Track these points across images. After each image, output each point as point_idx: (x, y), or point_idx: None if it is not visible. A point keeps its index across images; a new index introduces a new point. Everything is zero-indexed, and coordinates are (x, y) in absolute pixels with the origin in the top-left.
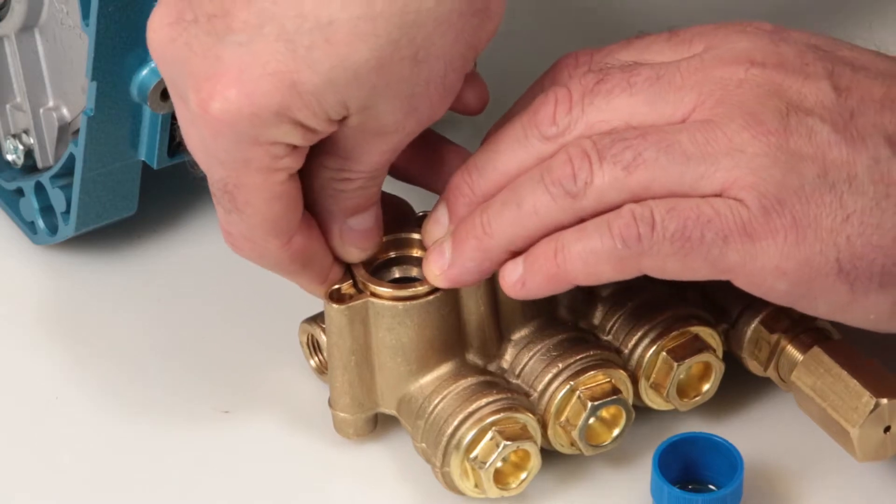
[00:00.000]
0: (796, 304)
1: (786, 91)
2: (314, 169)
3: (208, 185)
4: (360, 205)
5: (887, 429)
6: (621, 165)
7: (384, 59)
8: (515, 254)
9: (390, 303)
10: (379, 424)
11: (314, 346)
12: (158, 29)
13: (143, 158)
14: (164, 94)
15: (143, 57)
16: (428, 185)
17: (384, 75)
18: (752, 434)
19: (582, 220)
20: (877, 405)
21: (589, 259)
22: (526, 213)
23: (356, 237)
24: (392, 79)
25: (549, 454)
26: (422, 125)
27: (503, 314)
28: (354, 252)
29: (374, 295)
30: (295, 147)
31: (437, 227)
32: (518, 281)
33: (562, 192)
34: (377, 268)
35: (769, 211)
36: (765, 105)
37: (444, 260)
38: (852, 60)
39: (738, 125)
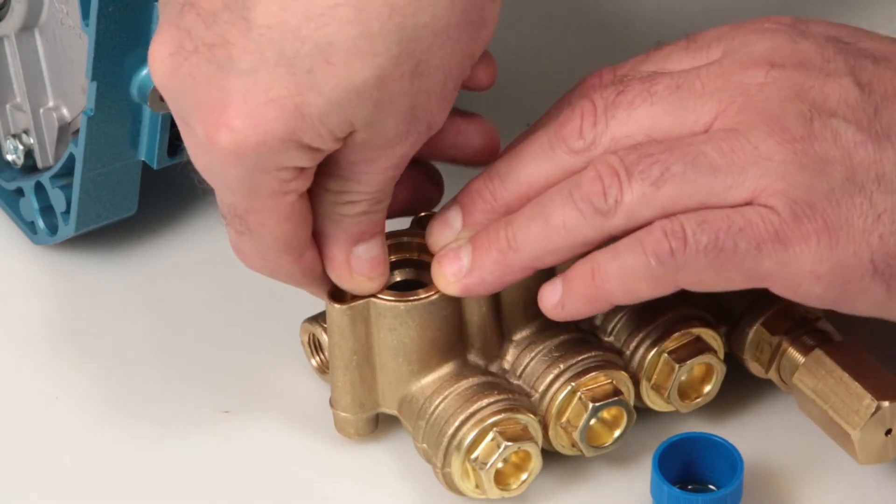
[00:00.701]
0: (834, 305)
1: (808, 92)
2: (317, 193)
3: (217, 201)
4: (364, 231)
5: (888, 431)
6: (649, 181)
7: (385, 75)
8: (537, 269)
9: (392, 303)
10: (380, 425)
11: (315, 346)
12: (160, 60)
13: (143, 158)
14: None
15: (143, 57)
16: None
17: (386, 91)
18: (752, 434)
19: (611, 237)
20: (878, 408)
21: (625, 278)
22: (554, 229)
23: (364, 267)
24: (394, 94)
25: (549, 454)
26: (423, 137)
27: (505, 315)
28: (363, 282)
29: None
30: (303, 169)
31: (448, 230)
32: (558, 304)
33: (592, 210)
34: None
35: (800, 216)
36: (787, 110)
37: (460, 266)
38: (874, 52)
39: (763, 132)
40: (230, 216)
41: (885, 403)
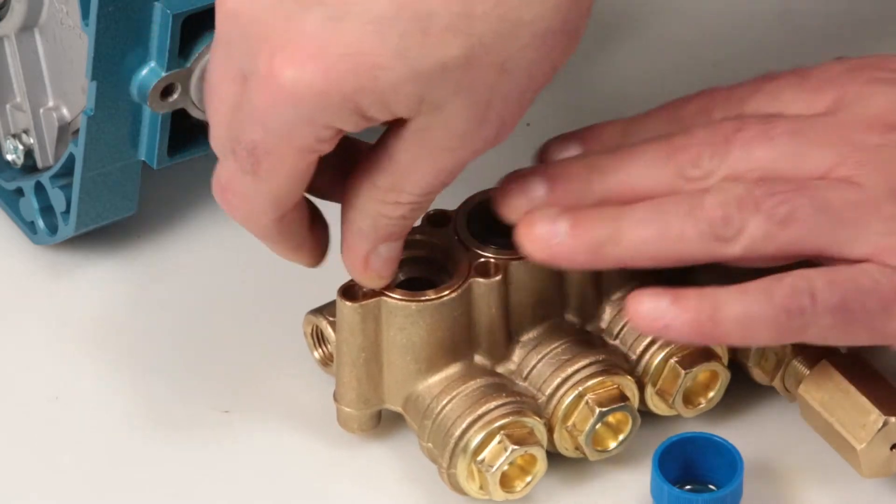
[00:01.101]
0: None
1: None
2: (362, 187)
3: (212, 138)
4: (395, 233)
5: (894, 446)
6: (776, 219)
7: (473, 59)
8: (625, 267)
9: (404, 302)
10: (382, 424)
11: (319, 338)
12: (263, 7)
13: (143, 158)
14: (164, 94)
15: (143, 57)
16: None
17: (468, 76)
18: (752, 434)
19: (718, 261)
20: (885, 423)
21: (747, 324)
22: (667, 238)
23: (380, 265)
24: (475, 82)
25: (551, 454)
26: (485, 145)
27: (512, 316)
28: (374, 279)
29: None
30: (340, 131)
31: (525, 200)
32: (660, 322)
33: (711, 233)
34: None
35: None
36: None
37: (555, 233)
38: None
39: (883, 192)
40: (243, 153)
41: (893, 419)
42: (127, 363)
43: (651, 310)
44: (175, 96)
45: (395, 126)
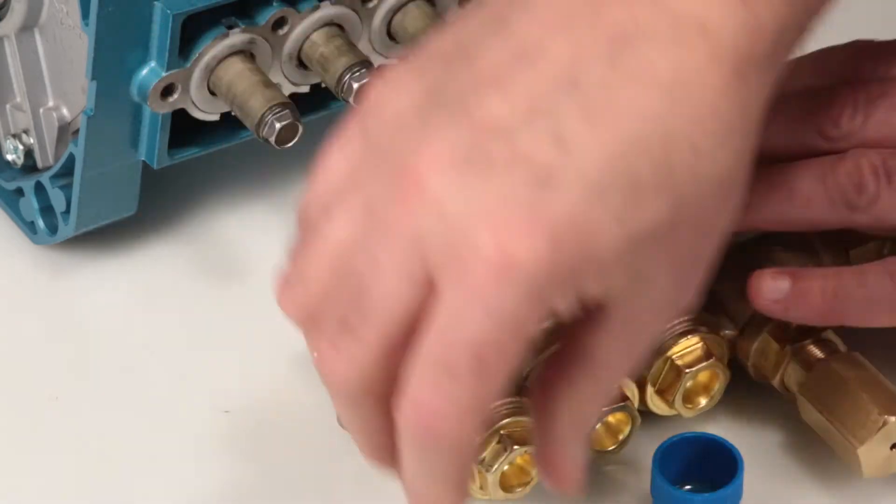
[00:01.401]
0: None
1: None
2: (559, 395)
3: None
4: (588, 429)
5: (894, 445)
6: None
7: (677, 219)
8: (757, 231)
9: None
10: None
11: None
12: (442, 171)
13: (143, 158)
14: (165, 94)
15: (143, 57)
16: None
17: (674, 239)
18: (752, 434)
19: (847, 227)
20: (885, 423)
21: (869, 307)
22: (795, 202)
23: (572, 467)
24: (679, 244)
25: None
26: (670, 318)
27: None
28: (574, 485)
29: None
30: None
31: None
32: (779, 303)
33: (842, 200)
34: None
35: None
36: None
37: None
38: None
39: None
40: (464, 360)
41: (893, 418)
42: (127, 363)
43: (772, 290)
44: (175, 96)
45: (589, 324)
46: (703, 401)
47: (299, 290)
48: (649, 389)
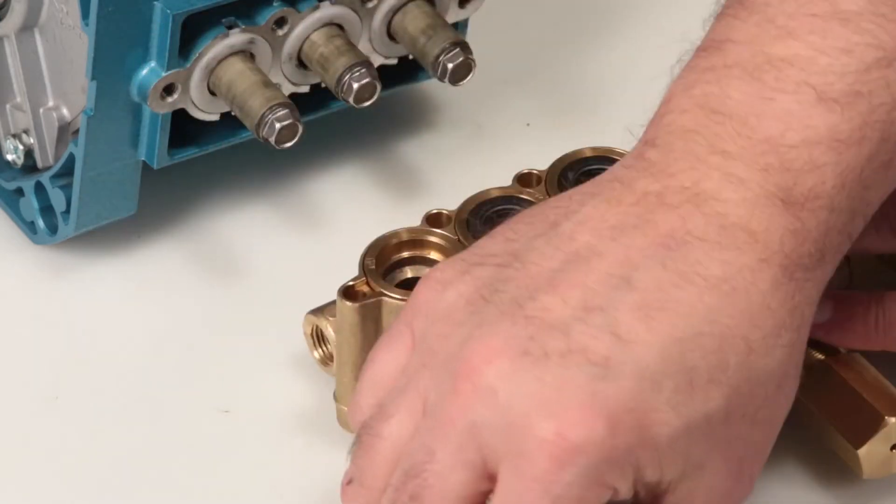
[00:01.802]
0: None
1: None
2: None
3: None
4: None
5: (894, 446)
6: None
7: (731, 410)
8: None
9: (403, 302)
10: None
11: (318, 338)
12: (497, 363)
13: (143, 158)
14: (164, 94)
15: (143, 57)
16: None
17: (727, 429)
18: None
19: None
20: (885, 423)
21: None
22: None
23: None
24: (732, 435)
25: None
26: (754, 479)
27: None
28: None
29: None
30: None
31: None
32: (821, 328)
33: None
34: (390, 266)
35: None
36: None
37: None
38: None
39: None
40: None
41: (893, 419)
42: (126, 363)
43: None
44: (175, 96)
45: None
46: None
47: (362, 491)
48: None
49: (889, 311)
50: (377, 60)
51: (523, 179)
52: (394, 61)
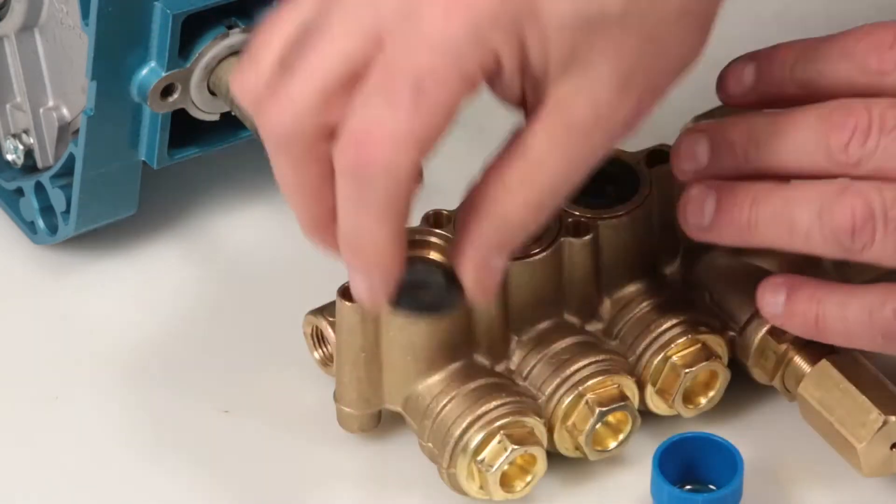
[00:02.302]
0: None
1: None
2: (489, 185)
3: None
4: (510, 242)
5: (894, 445)
6: None
7: (627, 18)
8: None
9: None
10: (382, 424)
11: (318, 338)
12: None
13: (143, 158)
14: (164, 94)
15: (143, 57)
16: None
17: (619, 35)
18: (752, 434)
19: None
20: (885, 422)
21: (848, 335)
22: (794, 237)
23: (490, 276)
24: (624, 44)
25: (550, 454)
26: (617, 130)
27: (512, 316)
28: (483, 288)
29: None
30: (496, 68)
31: (692, 162)
32: (776, 318)
33: (836, 243)
34: None
35: None
36: None
37: (702, 222)
38: None
39: None
40: (403, 84)
41: (893, 418)
42: (127, 363)
43: (771, 303)
44: (175, 96)
45: (530, 116)
46: (703, 401)
47: (250, 73)
48: (649, 389)
49: (828, 316)
50: None
51: None
52: None
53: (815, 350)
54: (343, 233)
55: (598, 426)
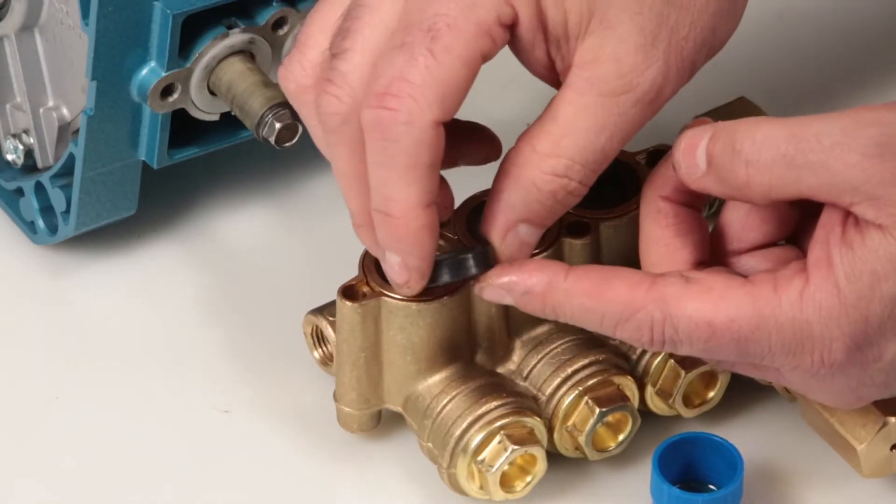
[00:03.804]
0: None
1: None
2: (521, 153)
3: (369, 43)
4: (540, 214)
5: (894, 446)
6: None
7: None
8: None
9: (403, 302)
10: (382, 424)
11: (318, 338)
12: None
13: (143, 158)
14: (164, 94)
15: (143, 57)
16: None
17: None
18: (752, 434)
19: None
20: (885, 423)
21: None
22: None
23: (518, 245)
24: (645, 4)
25: (550, 454)
26: (645, 94)
27: (512, 316)
28: (510, 251)
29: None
30: (513, 22)
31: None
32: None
33: None
34: None
35: None
36: None
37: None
38: None
39: None
40: (420, 33)
41: (892, 419)
42: (127, 363)
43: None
44: (175, 96)
45: (561, 86)
46: (702, 401)
47: (296, 64)
48: (649, 389)
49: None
50: None
51: None
52: None
53: None
54: (373, 202)
55: (598, 426)
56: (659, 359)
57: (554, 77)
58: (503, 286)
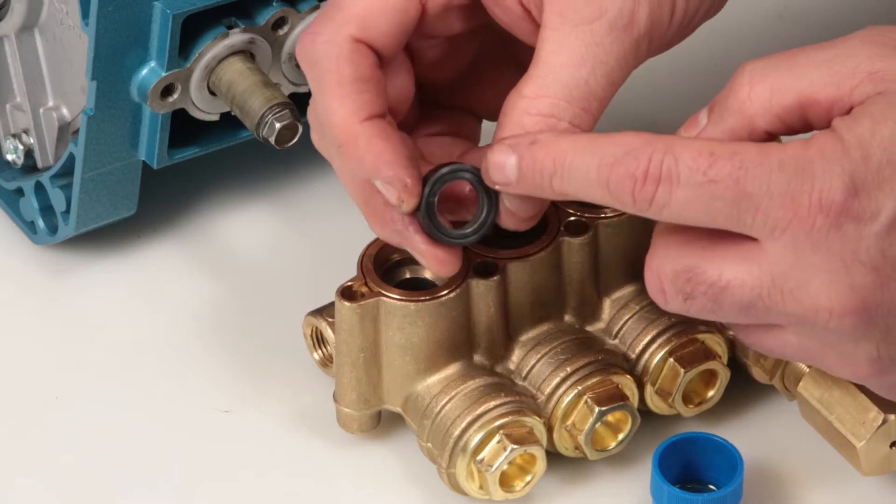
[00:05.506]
0: None
1: None
2: (510, 99)
3: None
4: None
5: (893, 444)
6: None
7: None
8: None
9: (402, 302)
10: (382, 424)
11: (318, 339)
12: None
13: (143, 158)
14: (164, 94)
15: (143, 57)
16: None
17: None
18: (752, 434)
19: None
20: (885, 421)
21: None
22: None
23: (501, 173)
24: None
25: (550, 454)
26: (625, 29)
27: (512, 316)
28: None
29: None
30: None
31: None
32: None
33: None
34: (389, 267)
35: None
36: None
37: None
38: None
39: None
40: None
41: (892, 416)
42: (127, 363)
43: (498, 170)
44: (175, 96)
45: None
46: (702, 400)
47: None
48: (649, 389)
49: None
50: None
51: None
52: None
53: None
54: (325, 134)
55: (597, 426)
56: (658, 357)
57: (534, 28)
58: (510, 143)
